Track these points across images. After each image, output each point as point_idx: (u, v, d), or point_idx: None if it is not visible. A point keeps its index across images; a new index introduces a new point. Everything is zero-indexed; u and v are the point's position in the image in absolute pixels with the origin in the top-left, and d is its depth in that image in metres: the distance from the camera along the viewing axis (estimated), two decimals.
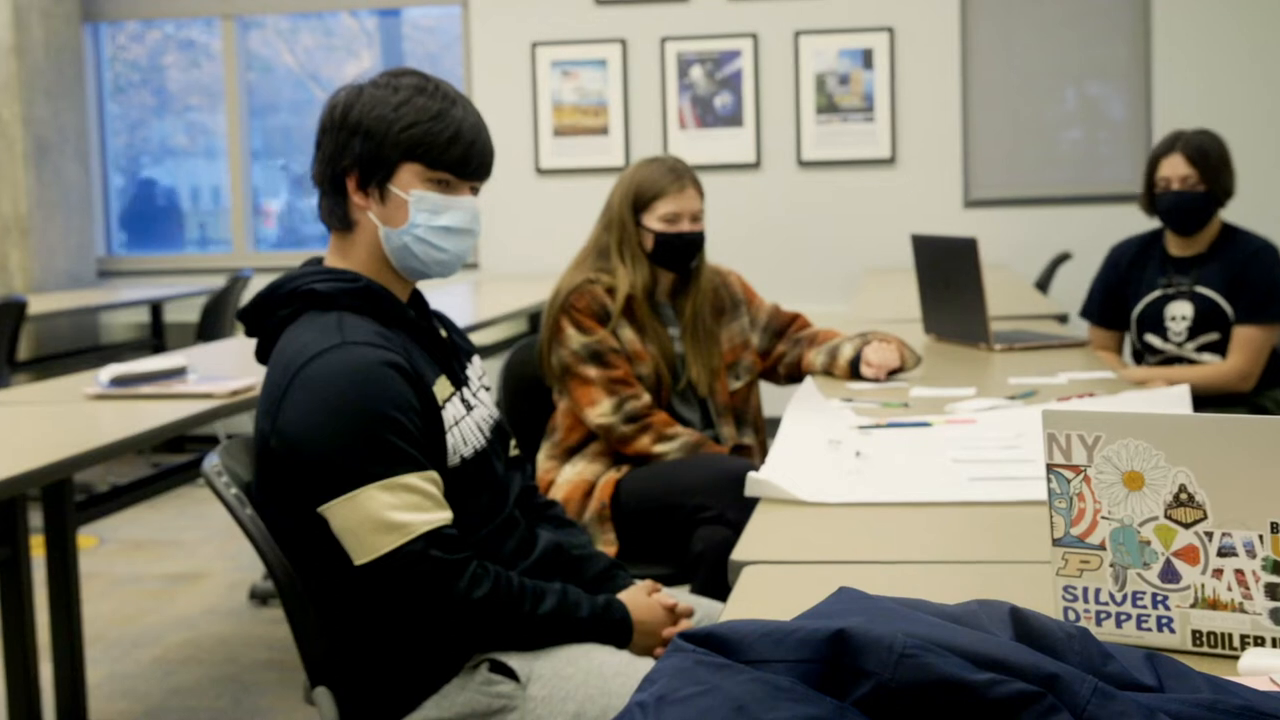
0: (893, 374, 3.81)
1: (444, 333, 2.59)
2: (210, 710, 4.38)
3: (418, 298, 2.58)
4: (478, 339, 6.25)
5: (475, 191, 2.51)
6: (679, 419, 3.76)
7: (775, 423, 3.14)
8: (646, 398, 3.68)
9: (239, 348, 5.09)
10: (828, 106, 8.09)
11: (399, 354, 2.34)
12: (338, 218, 2.47)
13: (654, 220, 3.71)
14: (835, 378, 3.83)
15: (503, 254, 8.37)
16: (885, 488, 2.53)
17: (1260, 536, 1.55)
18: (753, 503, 2.47)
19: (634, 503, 3.58)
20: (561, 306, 3.70)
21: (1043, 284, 7.25)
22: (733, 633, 1.06)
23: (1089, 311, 4.92)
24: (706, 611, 2.71)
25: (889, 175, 8.10)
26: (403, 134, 2.39)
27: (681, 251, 3.74)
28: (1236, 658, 1.56)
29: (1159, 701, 1.14)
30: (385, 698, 2.38)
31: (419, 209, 2.42)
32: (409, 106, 2.40)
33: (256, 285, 6.53)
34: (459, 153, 2.42)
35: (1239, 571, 1.57)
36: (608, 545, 3.53)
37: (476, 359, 2.69)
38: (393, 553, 2.25)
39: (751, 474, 2.51)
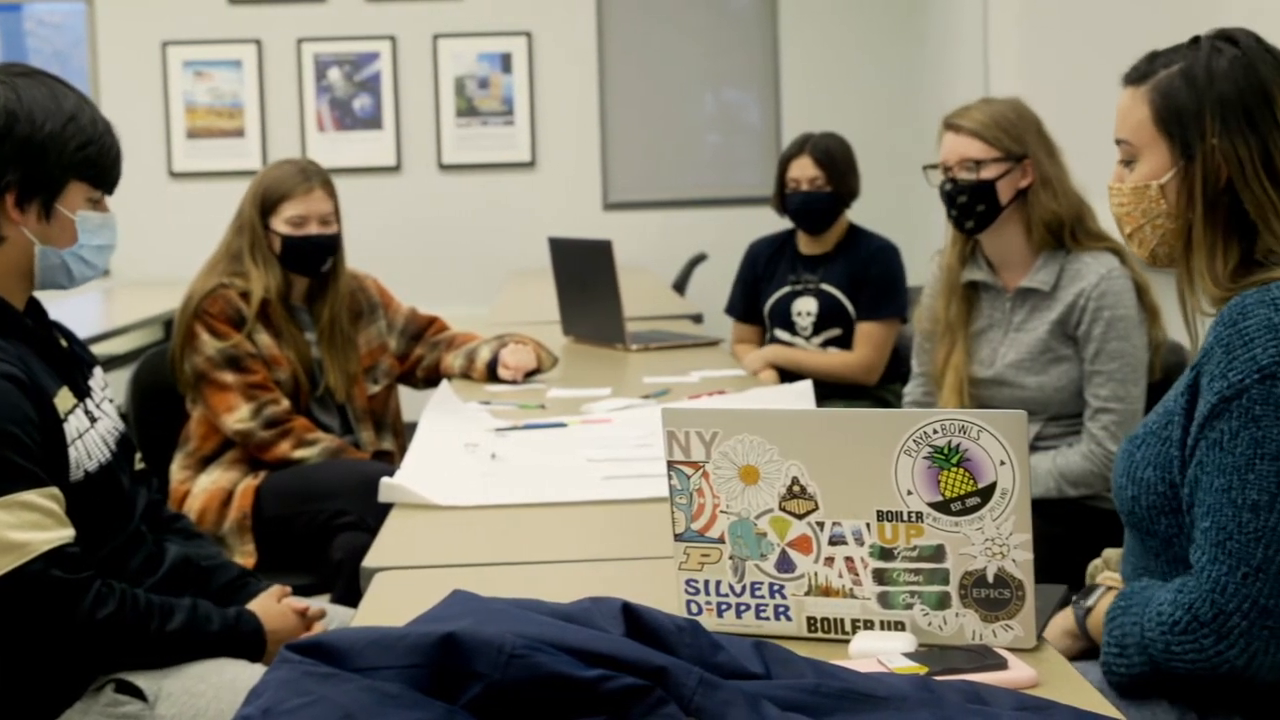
0: (530, 375, 3.85)
1: (64, 343, 2.49)
2: None
3: (35, 306, 2.47)
4: (109, 348, 6.04)
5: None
6: (318, 424, 3.70)
7: (415, 427, 3.13)
8: (286, 403, 3.62)
9: None
10: (468, 110, 8.10)
11: (15, 365, 2.24)
12: None
13: (280, 223, 3.64)
14: (473, 380, 3.84)
15: (135, 260, 8.04)
16: (520, 489, 2.55)
17: (867, 525, 1.62)
18: (392, 508, 2.46)
19: (274, 509, 3.52)
20: (195, 312, 3.61)
21: (680, 285, 7.40)
22: (341, 641, 1.05)
23: (732, 307, 5.05)
24: (344, 620, 2.68)
25: (530, 178, 8.15)
26: (78, 153, 2.31)
27: (310, 255, 3.69)
28: (848, 641, 1.63)
29: (764, 688, 1.18)
30: None
31: (84, 229, 2.36)
32: (75, 124, 2.31)
33: None
34: (118, 170, 2.39)
35: (849, 559, 1.64)
36: (246, 557, 3.46)
37: (98, 370, 2.59)
38: (11, 573, 2.15)
39: (385, 479, 2.50)
